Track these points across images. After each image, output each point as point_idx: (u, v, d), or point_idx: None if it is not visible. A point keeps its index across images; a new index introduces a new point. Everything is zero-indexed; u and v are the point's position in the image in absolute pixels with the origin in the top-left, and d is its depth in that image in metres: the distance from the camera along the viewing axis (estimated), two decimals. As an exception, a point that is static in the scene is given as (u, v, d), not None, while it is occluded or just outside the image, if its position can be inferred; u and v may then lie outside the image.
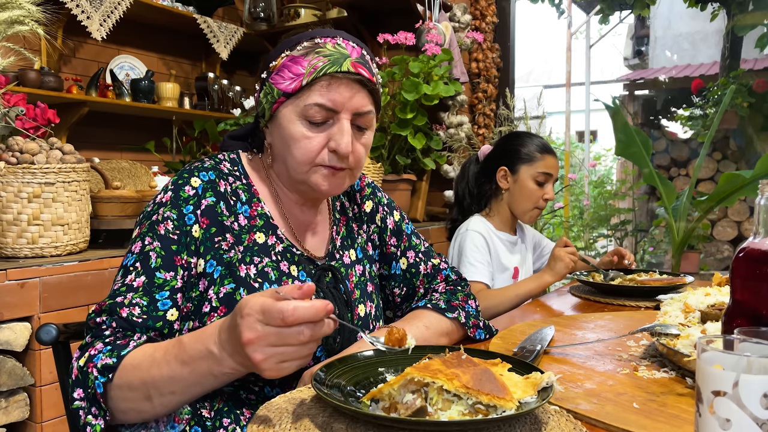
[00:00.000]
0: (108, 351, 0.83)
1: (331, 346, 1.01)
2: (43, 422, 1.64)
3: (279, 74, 0.98)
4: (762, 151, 6.35)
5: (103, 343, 0.85)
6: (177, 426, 0.87)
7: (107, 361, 0.82)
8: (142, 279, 0.91)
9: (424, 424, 0.67)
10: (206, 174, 1.00)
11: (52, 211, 1.74)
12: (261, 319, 0.70)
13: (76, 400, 0.82)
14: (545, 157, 1.92)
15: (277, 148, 1.03)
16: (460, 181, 2.09)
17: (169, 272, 0.92)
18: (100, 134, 3.04)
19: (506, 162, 1.94)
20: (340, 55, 0.96)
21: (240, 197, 1.02)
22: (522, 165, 1.92)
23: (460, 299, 1.16)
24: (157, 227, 0.94)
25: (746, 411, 0.54)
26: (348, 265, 1.12)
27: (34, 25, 1.72)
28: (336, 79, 0.95)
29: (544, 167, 1.91)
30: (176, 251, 0.93)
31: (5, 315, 1.56)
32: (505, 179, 1.94)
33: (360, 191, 1.21)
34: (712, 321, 1.00)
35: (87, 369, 0.83)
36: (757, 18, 6.42)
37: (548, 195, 1.92)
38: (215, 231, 0.97)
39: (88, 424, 0.81)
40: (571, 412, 0.78)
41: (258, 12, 3.43)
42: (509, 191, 1.94)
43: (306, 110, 0.96)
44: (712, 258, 6.98)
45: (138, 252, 0.93)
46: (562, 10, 7.45)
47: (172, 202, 0.96)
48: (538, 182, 1.90)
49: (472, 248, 1.85)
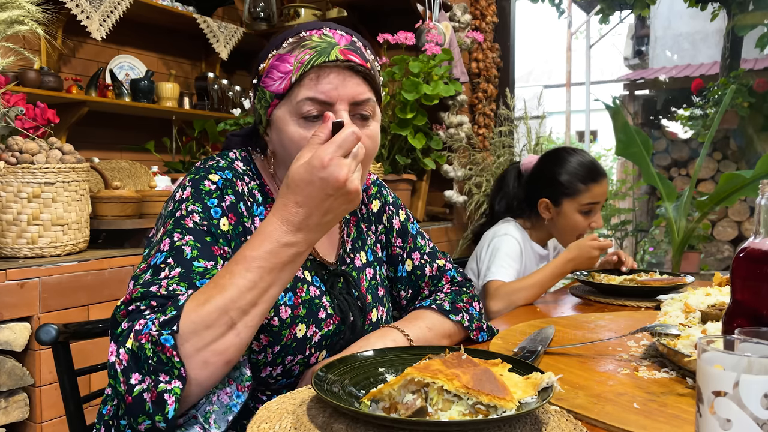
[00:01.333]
0: (158, 315, 0.76)
1: (335, 347, 1.01)
2: (43, 422, 1.64)
3: (268, 76, 0.94)
4: (762, 151, 6.35)
5: (144, 318, 0.77)
6: (241, 395, 0.83)
7: (165, 318, 0.74)
8: (178, 270, 0.83)
9: (424, 424, 0.67)
10: (223, 173, 0.95)
11: (52, 211, 1.74)
12: (340, 153, 0.77)
13: (135, 386, 0.73)
14: (591, 187, 1.77)
15: (281, 155, 0.98)
16: (496, 191, 1.98)
17: (209, 261, 0.85)
18: (100, 134, 3.04)
19: (547, 194, 1.81)
20: (327, 44, 0.91)
21: (256, 198, 0.99)
22: (564, 198, 1.79)
23: (464, 301, 1.15)
24: (184, 221, 0.88)
25: (747, 411, 0.54)
26: (359, 268, 1.09)
27: (34, 25, 1.72)
28: (325, 69, 0.90)
29: (590, 198, 1.77)
30: (211, 242, 0.88)
31: (5, 315, 1.56)
32: (547, 210, 1.82)
33: (366, 190, 1.18)
34: (712, 321, 1.00)
35: (139, 343, 0.74)
36: (757, 18, 6.43)
37: (596, 223, 1.80)
38: (241, 231, 0.93)
39: (164, 393, 0.72)
40: (571, 412, 0.78)
41: (258, 12, 3.43)
42: (552, 221, 1.83)
43: (299, 108, 0.90)
44: (712, 258, 6.98)
45: (168, 249, 0.85)
46: (562, 10, 7.46)
47: (194, 196, 0.91)
48: (584, 212, 1.78)
49: (507, 254, 1.76)
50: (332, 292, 1.01)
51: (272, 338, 0.93)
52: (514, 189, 1.94)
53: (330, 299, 1.01)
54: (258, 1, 3.43)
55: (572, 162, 1.81)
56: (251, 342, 0.87)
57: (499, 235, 1.84)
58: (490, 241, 1.84)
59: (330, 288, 1.02)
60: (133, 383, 0.73)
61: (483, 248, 1.86)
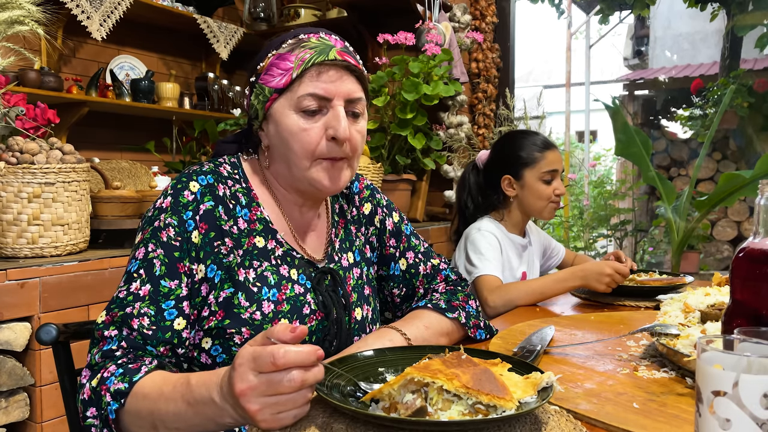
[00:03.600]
0: (120, 375, 0.85)
1: (327, 350, 1.01)
2: (43, 422, 1.64)
3: (268, 74, 1.00)
4: (762, 151, 6.36)
5: (115, 365, 0.87)
6: None
7: (119, 386, 0.83)
8: (148, 287, 0.92)
9: (424, 424, 0.67)
10: (204, 178, 1.00)
11: (52, 211, 1.74)
12: (253, 367, 0.69)
13: (89, 418, 0.85)
14: (546, 154, 1.86)
15: (276, 147, 1.03)
16: (461, 190, 2.02)
17: (174, 280, 0.93)
18: (100, 134, 3.04)
19: (508, 170, 1.88)
20: (325, 46, 0.99)
21: (239, 200, 1.02)
22: (525, 169, 1.86)
23: (460, 299, 1.16)
24: (160, 234, 0.94)
25: (746, 411, 0.55)
26: (346, 267, 1.12)
27: (34, 25, 1.72)
28: (325, 67, 0.98)
29: (548, 165, 1.85)
30: (179, 258, 0.94)
31: (5, 315, 1.56)
32: (511, 187, 1.88)
33: (359, 193, 1.21)
34: (712, 321, 1.00)
35: (100, 391, 0.84)
36: (757, 18, 6.43)
37: (559, 190, 1.87)
38: (214, 235, 0.98)
39: None
40: (571, 412, 0.78)
41: (258, 12, 3.43)
42: (518, 197, 1.89)
43: (299, 102, 0.98)
44: (711, 258, 6.98)
45: (142, 258, 0.94)
46: (562, 10, 7.46)
47: (173, 208, 0.96)
48: (546, 181, 1.85)
49: (486, 245, 1.79)
50: (318, 288, 1.04)
51: (254, 331, 0.96)
52: (476, 183, 1.98)
53: (314, 296, 1.04)
54: (258, 2, 3.43)
55: (524, 137, 1.93)
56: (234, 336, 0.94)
57: (472, 231, 1.86)
58: (467, 241, 1.86)
59: (316, 284, 1.04)
60: (88, 415, 0.85)
61: (461, 248, 1.87)
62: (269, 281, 1.00)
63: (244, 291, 0.97)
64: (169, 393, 0.81)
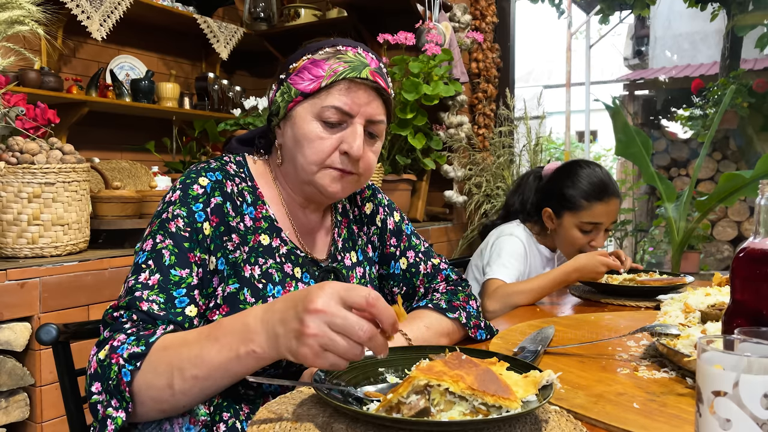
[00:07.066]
0: (133, 341, 0.82)
1: None
2: (43, 422, 1.64)
3: (299, 75, 1.01)
4: (762, 151, 6.36)
5: (125, 334, 0.84)
6: (192, 428, 0.86)
7: (135, 350, 0.80)
8: (157, 277, 0.90)
9: (425, 424, 0.67)
10: (213, 174, 1.01)
11: (52, 211, 1.74)
12: (343, 295, 0.70)
13: (94, 394, 0.81)
14: (593, 205, 1.73)
15: (288, 147, 1.04)
16: (515, 190, 1.98)
17: (185, 269, 0.92)
18: (100, 134, 3.04)
19: (551, 203, 1.80)
20: (360, 63, 1.00)
21: (246, 198, 1.03)
22: (565, 211, 1.77)
23: (461, 299, 1.17)
24: (168, 225, 0.94)
25: (746, 411, 0.55)
26: (349, 267, 1.13)
27: (34, 25, 1.72)
28: (355, 84, 0.99)
29: (590, 217, 1.73)
30: (189, 248, 0.93)
31: (5, 315, 1.56)
32: (550, 220, 1.82)
33: (360, 193, 1.22)
34: (712, 321, 1.00)
35: (110, 360, 0.81)
36: (757, 18, 6.43)
37: (596, 243, 1.76)
38: (223, 230, 0.98)
39: (108, 417, 0.79)
40: (571, 412, 0.78)
41: (258, 12, 3.43)
42: (554, 231, 1.82)
43: (323, 111, 0.98)
44: (712, 258, 6.98)
45: (150, 250, 0.92)
46: (562, 10, 7.46)
47: (181, 200, 0.96)
48: (583, 231, 1.76)
49: (510, 251, 1.76)
50: None
51: None
52: (530, 192, 1.93)
53: None
54: (258, 2, 3.43)
55: (581, 176, 1.78)
56: None
57: (504, 234, 1.84)
58: (494, 240, 1.85)
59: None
60: (93, 391, 0.81)
61: (487, 246, 1.87)
62: (274, 278, 1.00)
63: (250, 287, 0.98)
64: (193, 338, 0.80)
